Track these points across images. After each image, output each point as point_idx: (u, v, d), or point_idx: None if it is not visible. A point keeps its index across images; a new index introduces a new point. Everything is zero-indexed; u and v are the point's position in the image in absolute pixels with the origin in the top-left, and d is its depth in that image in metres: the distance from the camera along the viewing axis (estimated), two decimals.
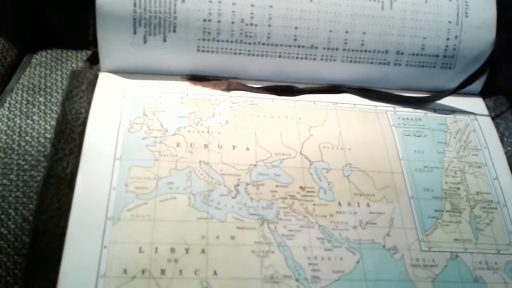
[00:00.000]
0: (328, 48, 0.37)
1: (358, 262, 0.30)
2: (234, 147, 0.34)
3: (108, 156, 0.32)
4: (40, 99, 0.35)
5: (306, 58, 0.37)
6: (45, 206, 0.29)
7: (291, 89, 0.38)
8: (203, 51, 0.36)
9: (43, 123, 0.33)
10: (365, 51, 0.37)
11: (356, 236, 0.31)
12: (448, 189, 0.34)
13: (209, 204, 0.31)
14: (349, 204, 0.33)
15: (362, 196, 0.33)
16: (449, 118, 0.38)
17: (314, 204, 0.32)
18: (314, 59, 0.37)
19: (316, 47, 0.37)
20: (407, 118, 0.37)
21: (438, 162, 0.35)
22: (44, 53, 0.38)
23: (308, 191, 0.33)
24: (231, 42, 0.36)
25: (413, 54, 0.38)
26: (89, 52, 0.39)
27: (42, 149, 0.32)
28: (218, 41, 0.36)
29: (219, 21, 0.35)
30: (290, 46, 0.37)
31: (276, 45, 0.36)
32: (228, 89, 0.37)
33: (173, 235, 0.30)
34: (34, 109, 0.34)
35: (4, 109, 0.34)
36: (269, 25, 0.36)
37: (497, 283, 0.31)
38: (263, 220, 0.31)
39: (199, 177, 0.32)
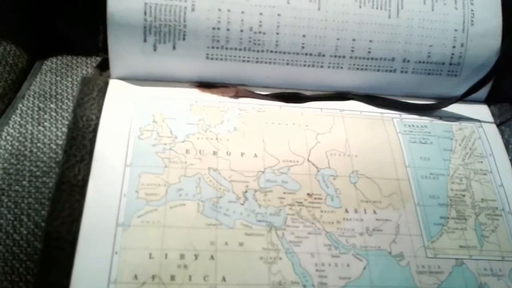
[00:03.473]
0: (335, 56, 0.37)
1: (364, 268, 0.31)
2: (242, 154, 0.34)
3: (119, 163, 0.32)
4: (51, 105, 0.35)
5: (313, 66, 0.38)
6: (57, 212, 0.30)
7: (299, 96, 0.38)
8: (212, 58, 0.36)
9: (54, 130, 0.34)
10: (372, 58, 0.38)
11: (362, 243, 0.32)
12: (453, 196, 0.35)
13: (217, 211, 0.31)
14: (355, 211, 0.33)
15: (368, 203, 0.33)
16: (455, 125, 0.38)
17: (321, 211, 0.33)
18: (322, 66, 0.38)
19: (324, 55, 0.37)
20: (413, 125, 0.38)
21: (444, 169, 0.36)
22: (54, 60, 0.39)
23: (315, 198, 0.33)
24: (240, 49, 0.36)
25: (419, 62, 0.38)
26: (98, 59, 0.39)
27: (54, 156, 0.32)
28: (227, 48, 0.36)
29: (228, 29, 0.36)
30: (297, 53, 0.37)
31: (284, 53, 0.37)
32: (236, 96, 0.37)
33: (182, 241, 0.30)
34: (45, 116, 0.34)
35: (16, 116, 0.34)
36: (277, 33, 0.36)
37: None
38: (271, 226, 0.31)
39: (208, 184, 0.32)
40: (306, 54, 0.37)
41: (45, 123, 0.34)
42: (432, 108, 0.39)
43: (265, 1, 0.36)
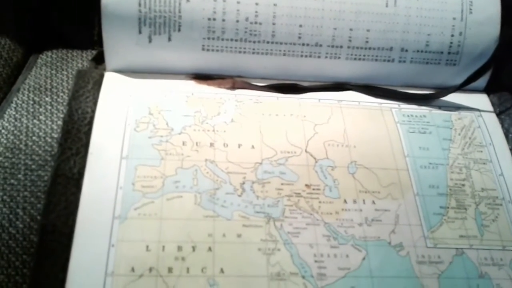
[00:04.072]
0: (333, 46, 0.37)
1: (363, 259, 0.31)
2: (239, 146, 0.34)
3: (115, 155, 0.32)
4: (47, 99, 0.35)
5: (310, 56, 0.37)
6: (53, 205, 0.29)
7: (296, 87, 0.38)
8: (207, 50, 0.36)
9: (49, 123, 0.33)
10: (370, 48, 0.37)
11: (361, 233, 0.32)
12: (453, 185, 0.34)
13: (215, 202, 0.31)
14: (354, 201, 0.33)
15: (367, 193, 0.33)
16: (454, 114, 0.38)
17: (320, 202, 0.32)
18: (319, 56, 0.37)
19: (321, 45, 0.37)
20: (412, 115, 0.37)
21: (443, 159, 0.35)
22: (49, 53, 0.39)
23: (313, 189, 0.33)
24: (236, 40, 0.36)
25: (418, 51, 0.38)
26: (94, 52, 0.39)
27: (49, 149, 0.32)
28: (222, 39, 0.36)
29: (223, 20, 0.35)
30: (294, 44, 0.37)
31: (281, 43, 0.37)
32: (233, 87, 0.37)
33: (180, 233, 0.30)
34: (40, 109, 0.34)
35: (11, 109, 0.34)
36: (274, 23, 0.36)
37: (502, 279, 0.32)
38: (269, 218, 0.31)
39: (205, 176, 0.32)
40: (303, 44, 0.37)
41: (40, 117, 0.34)
42: (431, 98, 0.39)
43: None
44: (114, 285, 0.28)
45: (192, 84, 0.37)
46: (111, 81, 0.35)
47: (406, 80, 0.39)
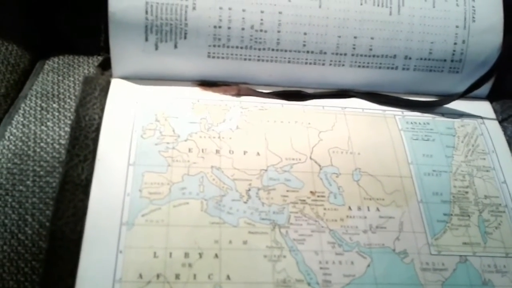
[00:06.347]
0: (337, 53, 0.37)
1: (368, 266, 0.31)
2: (245, 152, 0.34)
3: (122, 162, 0.32)
4: (54, 105, 0.35)
5: (315, 63, 0.38)
6: (61, 212, 0.30)
7: (300, 94, 0.38)
8: (213, 57, 0.36)
9: (57, 129, 0.34)
10: (373, 56, 0.38)
11: (366, 240, 0.32)
12: (456, 193, 0.35)
13: (221, 209, 0.31)
14: (359, 208, 0.33)
15: (371, 200, 0.33)
16: (457, 122, 0.38)
17: (325, 209, 0.33)
18: (323, 64, 0.38)
19: (325, 52, 0.37)
20: (415, 122, 0.38)
21: (447, 166, 0.36)
22: (56, 59, 0.39)
23: (318, 196, 0.33)
24: (241, 48, 0.36)
25: (421, 59, 0.38)
26: (100, 58, 0.39)
27: (57, 155, 0.32)
28: (228, 47, 0.36)
29: (229, 28, 0.36)
30: (299, 51, 0.37)
31: (285, 51, 0.37)
32: (238, 94, 0.37)
33: (186, 240, 0.30)
34: (48, 116, 0.34)
35: (19, 116, 0.34)
36: (279, 31, 0.36)
37: (506, 286, 0.32)
38: (274, 224, 0.31)
39: (211, 182, 0.32)
40: (308, 51, 0.37)
41: (48, 123, 0.34)
42: (434, 105, 0.39)
43: None
44: None
45: (198, 91, 0.37)
46: (117, 87, 0.36)
47: (409, 87, 0.39)
